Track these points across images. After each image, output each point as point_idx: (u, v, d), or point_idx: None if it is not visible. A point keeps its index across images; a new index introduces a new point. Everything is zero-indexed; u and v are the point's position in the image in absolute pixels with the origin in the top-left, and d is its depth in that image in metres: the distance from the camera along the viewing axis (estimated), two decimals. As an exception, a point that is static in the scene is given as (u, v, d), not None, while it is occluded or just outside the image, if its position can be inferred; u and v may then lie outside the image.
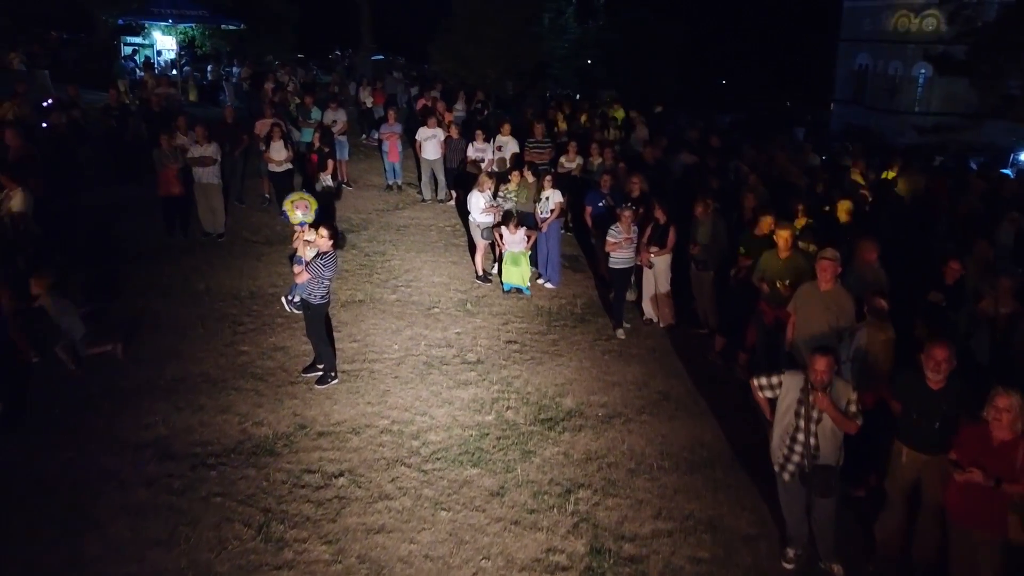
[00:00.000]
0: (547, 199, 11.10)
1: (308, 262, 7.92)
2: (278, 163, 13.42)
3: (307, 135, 15.07)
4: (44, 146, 14.12)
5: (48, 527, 5.80)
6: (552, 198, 11.07)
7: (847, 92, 41.12)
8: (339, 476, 6.64)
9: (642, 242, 9.81)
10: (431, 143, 14.83)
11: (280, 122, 14.15)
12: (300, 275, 7.93)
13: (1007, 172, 21.49)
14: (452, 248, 12.77)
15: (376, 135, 17.70)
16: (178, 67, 27.17)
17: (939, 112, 32.97)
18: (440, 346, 9.28)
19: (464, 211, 12.11)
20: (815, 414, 5.39)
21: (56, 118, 14.21)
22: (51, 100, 15.33)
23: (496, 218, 11.20)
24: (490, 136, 14.63)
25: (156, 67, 27.43)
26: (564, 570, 5.68)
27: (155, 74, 23.86)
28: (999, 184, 13.57)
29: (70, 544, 5.65)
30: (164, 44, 30.25)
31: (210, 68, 27.96)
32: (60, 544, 5.64)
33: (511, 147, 14.22)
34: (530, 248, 10.94)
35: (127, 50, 29.90)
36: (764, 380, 5.72)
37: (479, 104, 19.91)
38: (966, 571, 5.10)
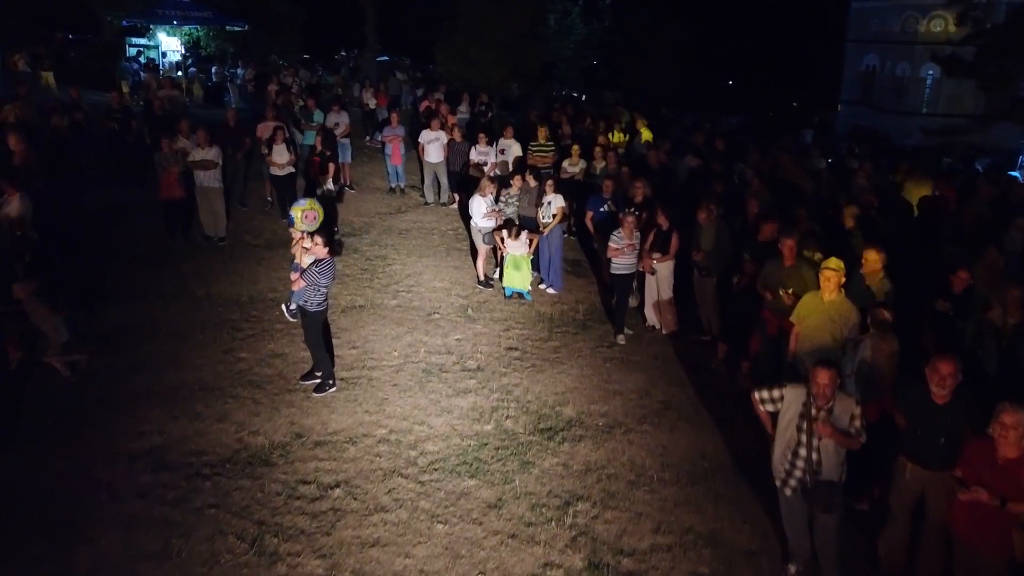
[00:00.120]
0: (549, 204, 11.01)
1: (304, 269, 7.85)
2: (280, 166, 13.36)
3: (309, 138, 15.01)
4: (46, 148, 14.14)
5: (38, 541, 5.72)
6: (554, 203, 10.97)
7: (854, 93, 40.92)
8: (335, 487, 6.55)
9: (644, 248, 9.72)
10: (434, 146, 14.76)
11: (282, 125, 14.09)
12: (296, 282, 7.86)
13: (1015, 175, 21.32)
14: (454, 252, 12.68)
15: (379, 137, 17.64)
16: (183, 68, 27.18)
17: (947, 114, 32.78)
18: (440, 353, 9.20)
19: (467, 215, 12.03)
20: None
21: (57, 120, 14.19)
22: (51, 103, 15.24)
23: (498, 222, 11.11)
24: (493, 139, 14.54)
25: (160, 68, 27.44)
26: (561, 586, 5.60)
27: (157, 76, 23.88)
28: (1007, 188, 13.42)
29: (60, 558, 5.57)
30: (169, 45, 30.26)
31: (214, 69, 27.94)
32: (50, 559, 5.56)
33: (514, 150, 14.12)
34: (532, 252, 10.84)
35: (132, 51, 29.92)
36: (765, 393, 5.62)
37: (483, 106, 19.81)
38: (971, 590, 5.00)
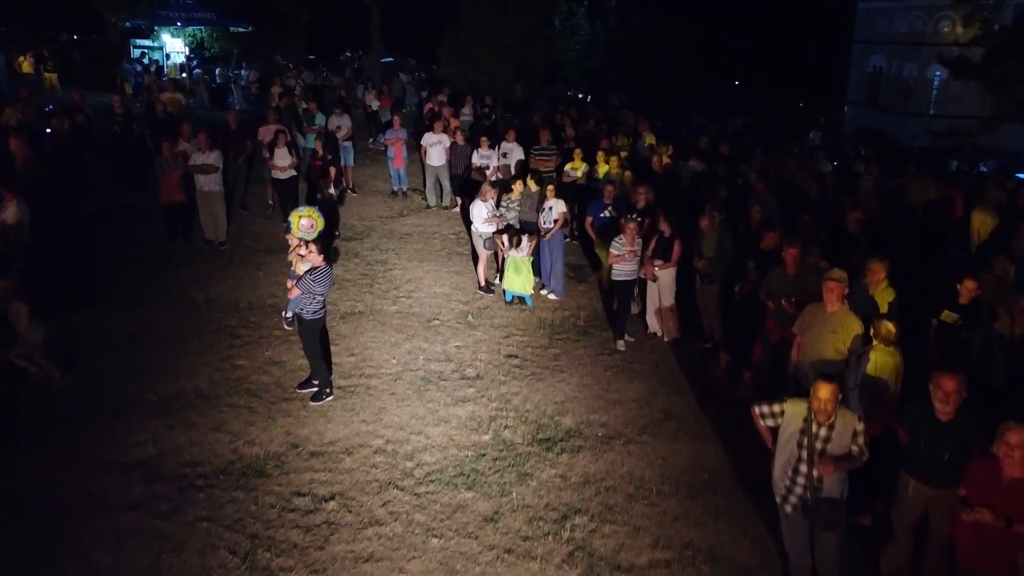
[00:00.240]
0: (550, 209, 10.91)
1: (300, 277, 7.78)
2: (282, 169, 13.30)
3: (311, 141, 14.94)
4: (47, 151, 14.11)
5: (28, 554, 5.66)
6: (555, 208, 10.88)
7: (861, 94, 40.74)
8: (329, 499, 6.47)
9: (646, 255, 9.61)
10: (436, 149, 14.68)
11: (284, 129, 14.02)
12: (292, 290, 7.79)
13: (1023, 176, 21.14)
14: (455, 257, 12.60)
15: (382, 139, 17.56)
16: (187, 70, 27.16)
17: (954, 115, 32.58)
18: (439, 360, 9.11)
19: (469, 219, 11.94)
20: (819, 445, 5.18)
21: (58, 124, 14.16)
22: (51, 106, 15.20)
23: (498, 227, 11.02)
24: (496, 142, 14.45)
25: (164, 70, 27.43)
26: (558, 603, 5.51)
27: (157, 78, 23.86)
28: (1015, 193, 13.27)
29: (50, 573, 5.50)
30: (173, 47, 30.26)
31: (218, 71, 27.92)
32: (39, 573, 5.50)
33: (516, 154, 14.04)
34: (532, 254, 10.74)
35: (136, 53, 29.92)
36: (765, 408, 5.51)
37: (486, 108, 19.72)
38: (976, 611, 4.88)
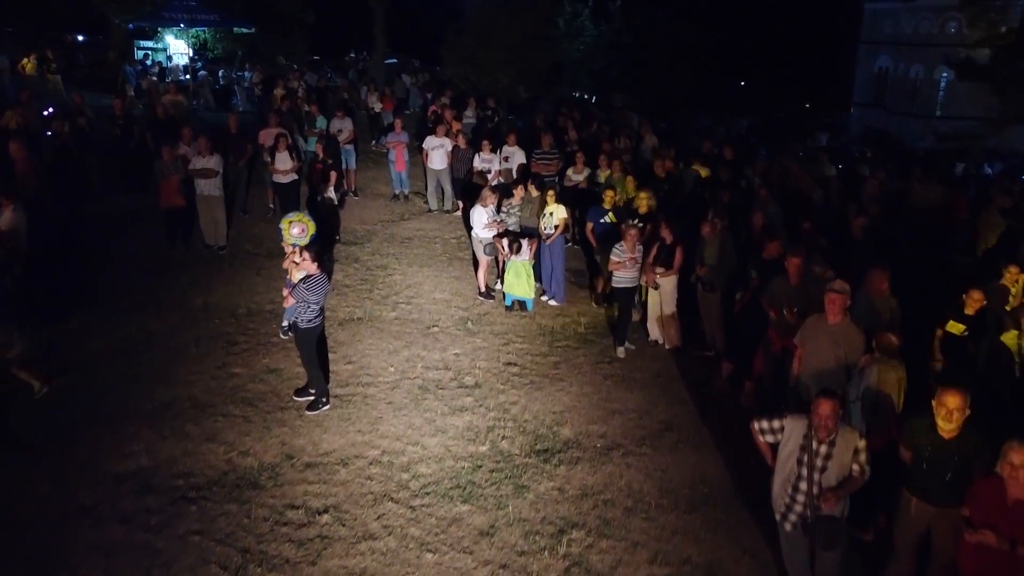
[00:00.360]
0: (551, 215, 10.82)
1: (294, 285, 7.71)
2: (283, 173, 13.23)
3: (312, 144, 14.86)
4: (48, 155, 14.06)
5: (19, 568, 5.59)
6: (556, 214, 10.78)
7: (867, 95, 40.55)
8: (323, 512, 6.38)
9: (647, 262, 9.50)
10: (438, 152, 14.60)
11: (285, 132, 13.95)
12: (287, 299, 7.71)
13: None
14: (456, 262, 12.51)
15: (384, 141, 17.46)
16: (192, 72, 27.12)
17: (961, 116, 32.37)
18: (437, 368, 9.02)
19: (470, 223, 11.84)
20: (819, 462, 5.08)
21: (58, 126, 14.10)
22: (51, 109, 15.15)
23: (498, 232, 10.93)
24: (498, 146, 14.35)
25: (167, 72, 27.40)
26: (553, 621, 5.41)
27: (156, 80, 23.82)
28: (1022, 197, 13.13)
29: (39, 587, 5.45)
30: (176, 48, 30.23)
31: (222, 73, 27.88)
32: (28, 588, 5.44)
33: (517, 157, 13.95)
34: (533, 258, 10.64)
35: (139, 54, 29.91)
36: (765, 424, 5.41)
37: (489, 111, 19.61)
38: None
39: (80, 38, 38.12)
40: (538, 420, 7.95)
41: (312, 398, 7.98)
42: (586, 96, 36.56)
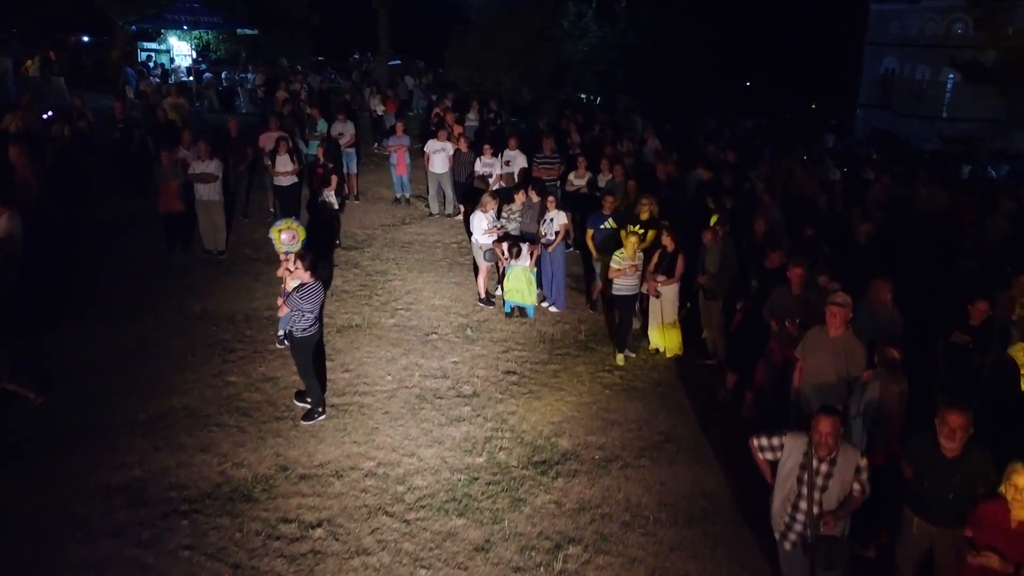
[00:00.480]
0: (551, 221, 10.73)
1: (288, 294, 7.63)
2: (284, 176, 13.17)
3: (313, 147, 14.78)
4: (48, 159, 14.01)
5: (6, 584, 5.54)
6: (556, 220, 10.68)
7: (873, 96, 40.32)
8: (317, 526, 6.30)
9: (648, 270, 9.39)
10: (439, 156, 14.51)
11: (286, 136, 13.88)
12: (281, 308, 7.64)
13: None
14: (456, 267, 12.42)
15: (386, 144, 17.38)
16: (196, 74, 27.09)
17: (967, 118, 32.18)
18: (435, 377, 8.93)
19: (471, 228, 11.75)
20: (819, 481, 4.98)
21: (57, 130, 14.05)
22: (50, 112, 15.09)
23: (499, 236, 10.84)
24: (499, 150, 14.25)
25: (169, 73, 27.37)
26: (547, 640, 5.32)
27: (157, 83, 23.77)
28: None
29: (26, 605, 5.38)
30: (180, 50, 30.20)
31: (225, 74, 27.82)
32: (15, 605, 5.37)
33: (519, 162, 13.85)
34: (534, 265, 10.54)
35: (143, 56, 29.89)
36: (764, 441, 5.31)
37: (492, 114, 19.49)
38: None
39: (85, 39, 38.21)
40: (536, 431, 7.86)
41: (308, 407, 7.91)
42: (591, 97, 36.43)
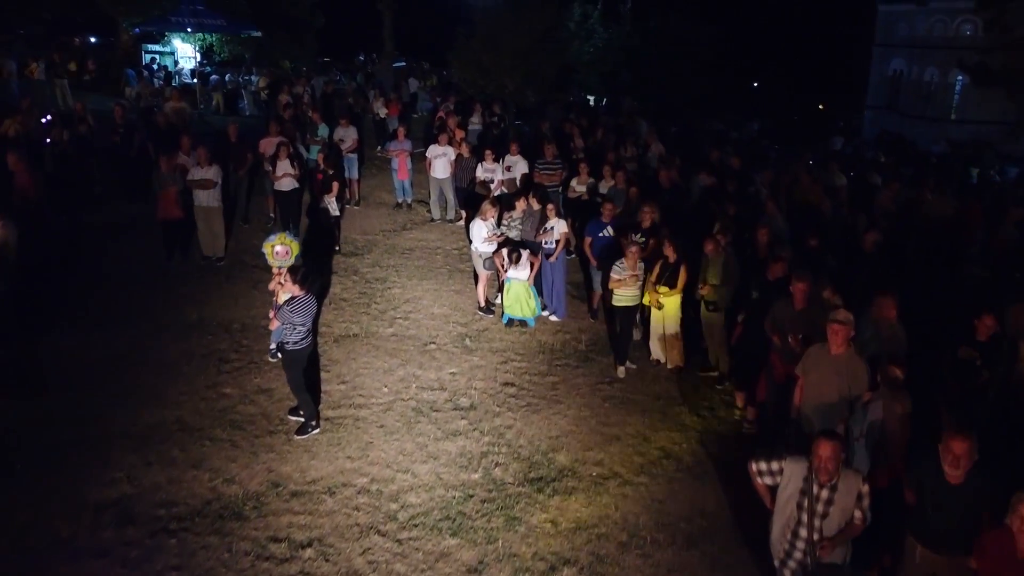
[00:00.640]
0: (551, 228, 10.59)
1: (280, 306, 7.52)
2: (284, 182, 13.05)
3: (315, 152, 14.67)
4: (48, 164, 13.94)
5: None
6: (557, 228, 10.56)
7: (880, 98, 40.08)
8: (307, 546, 6.18)
9: (650, 281, 9.24)
10: (440, 161, 14.38)
11: (286, 141, 13.77)
12: (271, 321, 7.53)
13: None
14: (456, 275, 12.29)
15: (388, 147, 17.25)
16: (202, 76, 27.06)
17: (976, 120, 31.92)
18: (432, 388, 8.81)
19: (470, 236, 11.62)
20: (820, 507, 4.83)
21: (57, 134, 13.97)
22: (48, 116, 15.01)
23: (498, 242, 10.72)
24: (501, 155, 14.12)
25: (173, 76, 27.34)
26: (540, 667, 5.19)
27: (160, 85, 23.73)
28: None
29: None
30: (184, 52, 30.17)
31: (228, 77, 27.77)
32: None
33: (520, 167, 13.72)
34: (532, 280, 10.40)
35: (147, 58, 29.88)
36: (763, 465, 5.15)
37: (495, 117, 19.35)
38: None
39: (92, 39, 38.26)
40: (533, 446, 7.73)
41: (302, 421, 7.79)
42: (596, 99, 36.25)
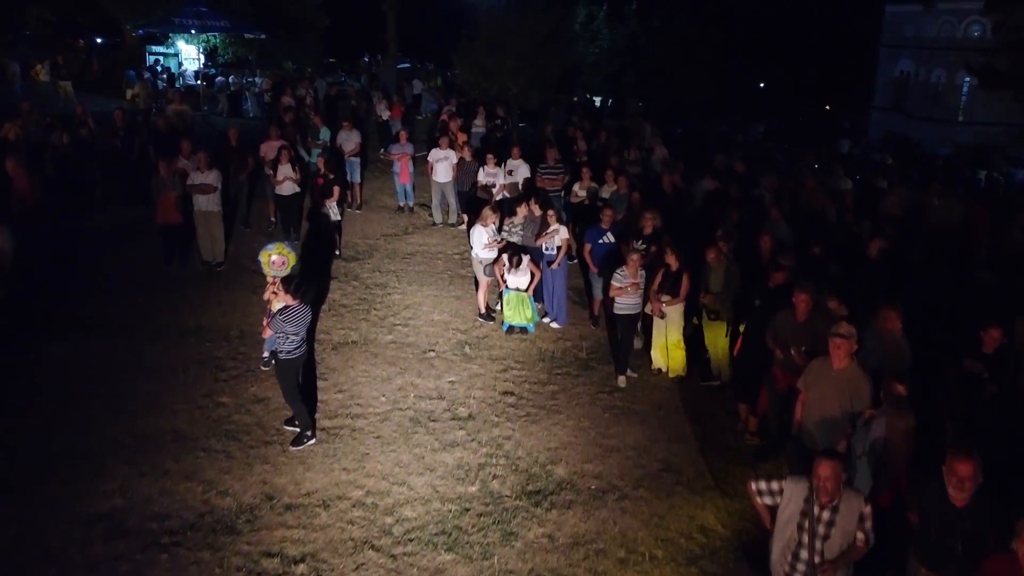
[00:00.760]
0: (553, 232, 10.48)
1: (273, 315, 7.44)
2: (285, 186, 12.98)
3: (315, 156, 14.59)
4: (48, 167, 13.90)
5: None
6: (558, 235, 10.45)
7: (888, 99, 39.87)
8: (300, 561, 6.08)
9: (652, 289, 9.12)
10: (442, 165, 14.29)
11: (287, 144, 13.70)
12: (264, 330, 7.46)
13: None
14: (457, 280, 12.19)
15: (391, 149, 17.16)
16: (207, 78, 27.04)
17: (984, 122, 31.70)
18: (431, 398, 8.71)
19: (471, 241, 11.52)
20: (821, 529, 4.71)
21: (57, 138, 13.92)
22: (48, 119, 14.97)
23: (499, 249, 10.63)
24: (503, 159, 14.02)
25: (176, 77, 27.32)
26: None
27: (150, 85, 23.71)
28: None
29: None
30: (188, 53, 30.15)
31: (231, 79, 27.74)
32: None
33: (522, 171, 13.63)
34: (531, 291, 10.29)
35: (151, 60, 29.89)
36: (763, 485, 5.03)
37: (498, 120, 19.24)
38: None
39: (99, 40, 38.31)
40: (531, 457, 7.62)
41: (298, 431, 7.70)
42: (601, 99, 36.10)
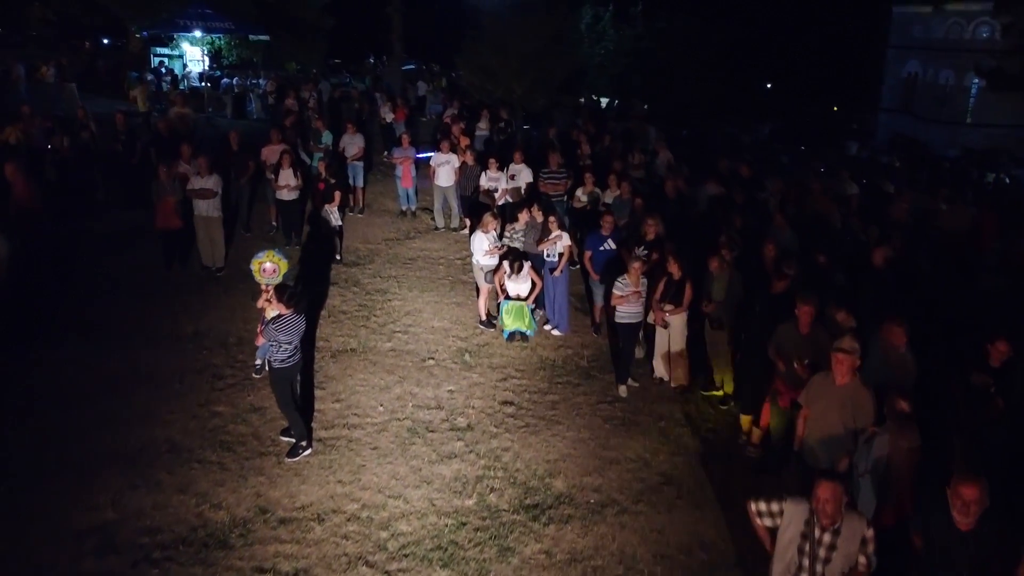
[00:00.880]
0: (555, 238, 10.37)
1: (266, 323, 7.36)
2: (286, 190, 12.90)
3: (316, 160, 14.51)
4: (50, 171, 13.85)
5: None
6: (559, 242, 10.33)
7: (895, 100, 39.63)
8: (292, 578, 6.00)
9: (654, 298, 8.99)
10: (444, 169, 14.19)
11: (289, 148, 13.62)
12: (258, 338, 7.37)
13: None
14: (458, 286, 12.09)
15: (394, 152, 17.05)
16: (212, 80, 27.00)
17: (992, 124, 31.45)
18: (429, 408, 8.61)
19: (472, 247, 11.42)
20: (822, 552, 4.59)
21: (57, 141, 13.87)
22: (49, 124, 14.92)
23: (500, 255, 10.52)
24: (505, 163, 13.91)
25: (179, 79, 27.29)
26: None
27: (151, 87, 23.66)
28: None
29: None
30: (192, 55, 30.14)
31: (236, 80, 27.70)
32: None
33: (524, 176, 13.53)
34: (533, 300, 10.19)
35: (155, 61, 29.88)
36: (763, 506, 4.91)
37: (502, 123, 19.13)
38: None
39: (104, 41, 38.36)
40: (530, 470, 7.51)
41: (293, 441, 7.61)
42: (611, 101, 35.94)
